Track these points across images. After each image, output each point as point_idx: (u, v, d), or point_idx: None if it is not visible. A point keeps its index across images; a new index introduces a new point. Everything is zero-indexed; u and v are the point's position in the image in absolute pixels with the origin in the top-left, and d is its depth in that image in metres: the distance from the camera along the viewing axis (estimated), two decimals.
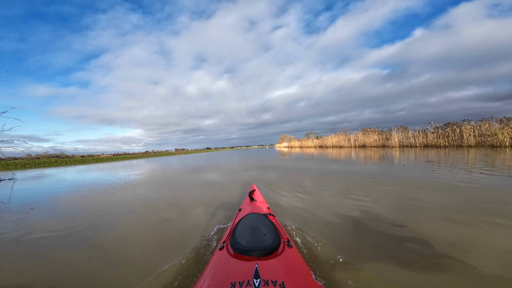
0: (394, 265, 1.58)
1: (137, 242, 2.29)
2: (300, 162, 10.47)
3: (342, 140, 27.70)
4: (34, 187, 7.00)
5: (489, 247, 1.75)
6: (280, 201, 3.44)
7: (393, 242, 1.92)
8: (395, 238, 1.99)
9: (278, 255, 1.19)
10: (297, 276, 1.05)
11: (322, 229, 2.25)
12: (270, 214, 1.89)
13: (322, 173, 6.19)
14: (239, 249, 1.20)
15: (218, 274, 1.07)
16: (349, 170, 6.56)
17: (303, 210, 2.94)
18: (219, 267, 1.14)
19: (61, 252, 2.15)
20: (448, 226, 2.18)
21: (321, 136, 36.63)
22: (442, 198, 3.11)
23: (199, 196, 4.19)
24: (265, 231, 1.39)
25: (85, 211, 3.63)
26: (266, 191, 4.15)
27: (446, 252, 1.70)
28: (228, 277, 1.01)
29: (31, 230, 2.82)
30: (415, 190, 3.60)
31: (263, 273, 1.00)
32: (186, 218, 2.93)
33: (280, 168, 8.32)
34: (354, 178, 5.11)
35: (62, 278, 1.70)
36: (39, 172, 13.81)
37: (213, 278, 1.05)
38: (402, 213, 2.62)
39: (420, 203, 2.92)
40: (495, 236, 1.93)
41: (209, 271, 1.13)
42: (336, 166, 7.68)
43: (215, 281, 1.01)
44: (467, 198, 3.04)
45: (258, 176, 6.43)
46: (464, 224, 2.20)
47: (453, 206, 2.75)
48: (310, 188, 4.24)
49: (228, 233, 1.53)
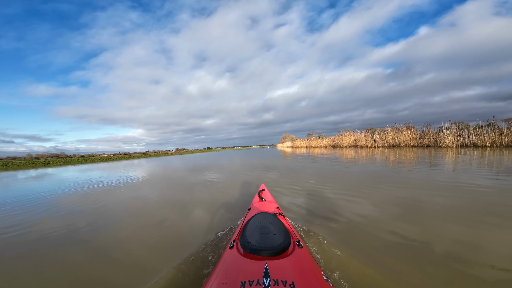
0: (408, 267, 1.58)
1: (146, 241, 2.32)
2: (314, 163, 10.43)
3: (362, 139, 23.35)
4: (30, 187, 7.11)
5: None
6: (289, 201, 3.45)
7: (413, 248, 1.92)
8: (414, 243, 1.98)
9: (288, 255, 1.20)
10: (307, 276, 1.06)
11: (333, 231, 2.25)
12: (279, 213, 1.89)
13: (341, 175, 6.16)
14: (249, 248, 1.21)
15: (228, 273, 1.09)
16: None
17: (314, 211, 2.95)
18: (229, 266, 1.15)
19: (60, 252, 2.19)
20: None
21: (323, 135, 34.98)
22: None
23: (207, 196, 4.23)
24: (275, 230, 1.40)
25: (84, 211, 3.68)
26: (275, 191, 4.17)
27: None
28: (238, 276, 1.02)
29: (28, 230, 2.87)
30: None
31: (273, 272, 1.01)
32: (193, 217, 2.98)
33: (293, 168, 8.32)
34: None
35: (62, 279, 1.72)
36: (33, 173, 14.00)
37: (224, 277, 1.06)
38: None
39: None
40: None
41: (220, 270, 1.15)
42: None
43: (226, 280, 1.03)
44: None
45: (264, 175, 6.44)
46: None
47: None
48: (323, 189, 4.24)
49: (238, 232, 1.54)
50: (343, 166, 7.72)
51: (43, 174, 12.17)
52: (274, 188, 4.42)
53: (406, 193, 3.47)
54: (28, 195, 5.48)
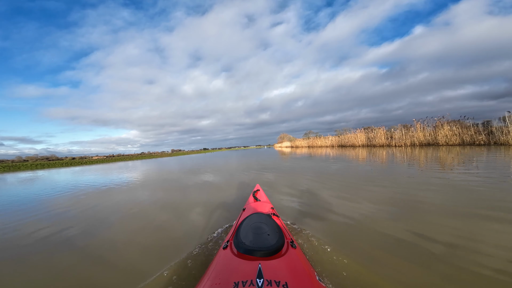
0: (402, 266, 1.62)
1: (139, 243, 2.32)
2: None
3: (381, 136, 20.03)
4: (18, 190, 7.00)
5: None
6: (283, 202, 3.48)
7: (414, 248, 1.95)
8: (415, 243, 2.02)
9: (282, 255, 1.23)
10: (300, 277, 1.08)
11: (327, 231, 2.29)
12: (274, 214, 1.92)
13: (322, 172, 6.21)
14: (242, 249, 1.23)
15: (221, 273, 1.11)
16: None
17: (308, 211, 2.98)
18: (222, 266, 1.17)
19: (50, 256, 2.18)
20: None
21: (320, 135, 33.23)
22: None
23: (201, 197, 4.23)
24: (269, 231, 1.42)
25: (76, 214, 3.66)
26: (269, 192, 4.19)
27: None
28: (232, 277, 1.04)
29: (20, 234, 2.85)
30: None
31: (266, 273, 1.03)
32: (188, 219, 2.98)
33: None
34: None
35: (53, 283, 1.72)
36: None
37: (217, 277, 1.08)
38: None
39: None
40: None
41: (213, 270, 1.17)
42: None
43: (219, 280, 1.05)
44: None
45: (262, 176, 6.47)
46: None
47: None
48: (315, 189, 4.28)
49: (232, 233, 1.56)
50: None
51: (27, 178, 11.99)
52: (269, 189, 4.45)
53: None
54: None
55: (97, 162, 29.12)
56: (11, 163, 30.22)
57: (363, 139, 22.40)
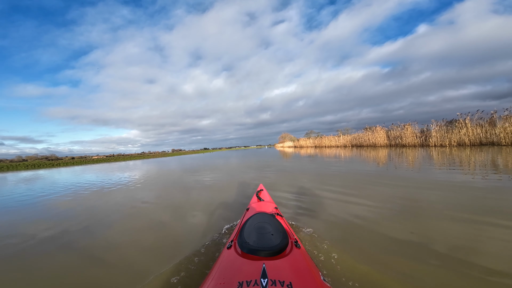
0: (407, 267, 1.62)
1: (141, 243, 2.35)
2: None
3: (409, 136, 17.37)
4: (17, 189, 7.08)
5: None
6: (287, 202, 3.49)
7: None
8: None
9: (286, 255, 1.23)
10: (305, 277, 1.09)
11: (332, 231, 2.29)
12: (277, 214, 1.94)
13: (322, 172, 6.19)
14: (246, 249, 1.24)
15: (225, 273, 1.12)
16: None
17: (311, 212, 2.99)
18: (227, 266, 1.19)
19: (52, 256, 2.20)
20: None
21: (322, 135, 31.82)
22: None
23: (204, 197, 4.27)
24: (273, 231, 1.43)
25: (76, 214, 3.69)
26: (274, 191, 4.20)
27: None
28: (236, 276, 1.05)
29: (18, 234, 2.89)
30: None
31: (270, 273, 1.04)
32: (191, 218, 3.02)
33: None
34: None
35: (52, 283, 1.74)
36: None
37: (221, 277, 1.09)
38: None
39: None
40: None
41: (217, 270, 1.18)
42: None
43: (223, 280, 1.06)
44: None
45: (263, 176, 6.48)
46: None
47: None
48: (320, 191, 4.29)
49: (236, 232, 1.58)
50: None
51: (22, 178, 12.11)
52: (273, 189, 4.45)
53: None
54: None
55: (97, 161, 29.29)
56: (9, 162, 30.47)
57: (383, 138, 19.75)
